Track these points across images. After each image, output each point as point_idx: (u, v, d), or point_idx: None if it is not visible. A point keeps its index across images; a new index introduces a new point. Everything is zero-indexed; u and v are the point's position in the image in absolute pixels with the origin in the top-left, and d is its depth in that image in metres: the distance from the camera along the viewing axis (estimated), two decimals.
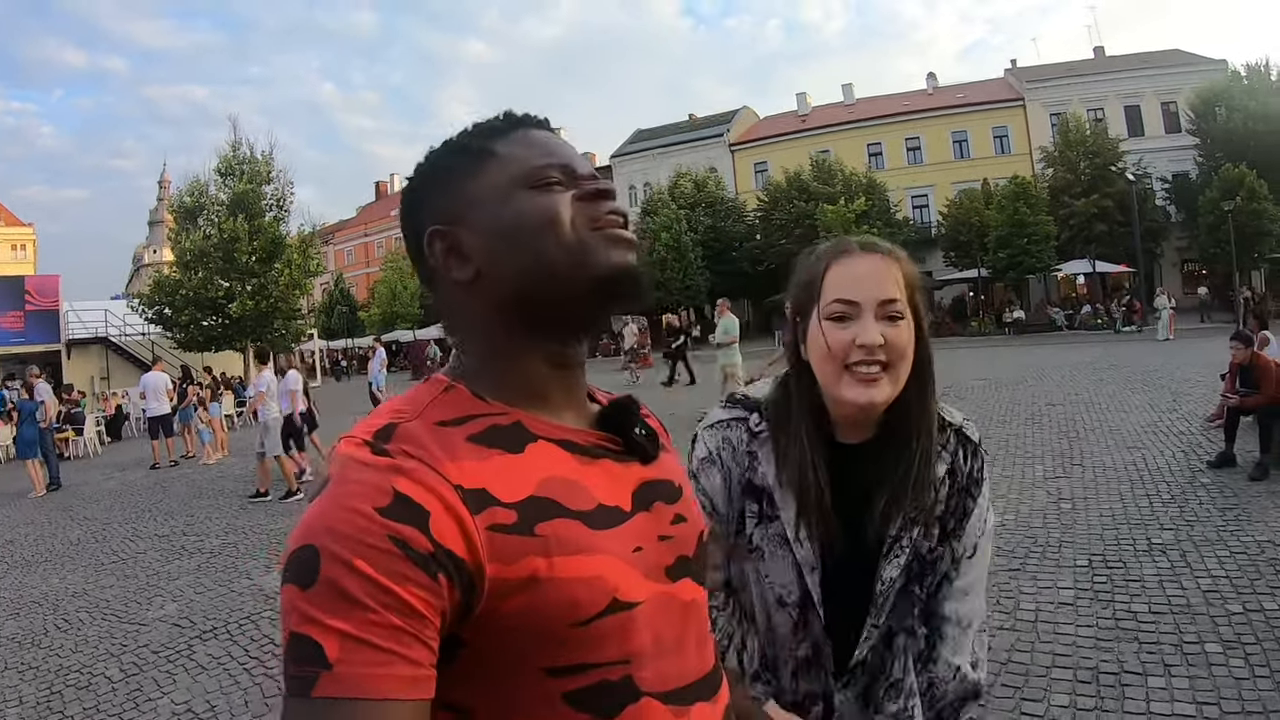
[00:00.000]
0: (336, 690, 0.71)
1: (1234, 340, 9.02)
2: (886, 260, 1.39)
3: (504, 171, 0.93)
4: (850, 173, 43.94)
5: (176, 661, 5.38)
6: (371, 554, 0.73)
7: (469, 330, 0.96)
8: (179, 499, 11.69)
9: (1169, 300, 28.61)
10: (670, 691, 0.90)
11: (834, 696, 1.44)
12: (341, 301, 58.93)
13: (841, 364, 1.35)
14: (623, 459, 0.97)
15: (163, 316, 28.21)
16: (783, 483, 1.42)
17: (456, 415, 0.87)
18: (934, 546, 1.43)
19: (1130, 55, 49.10)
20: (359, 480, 0.77)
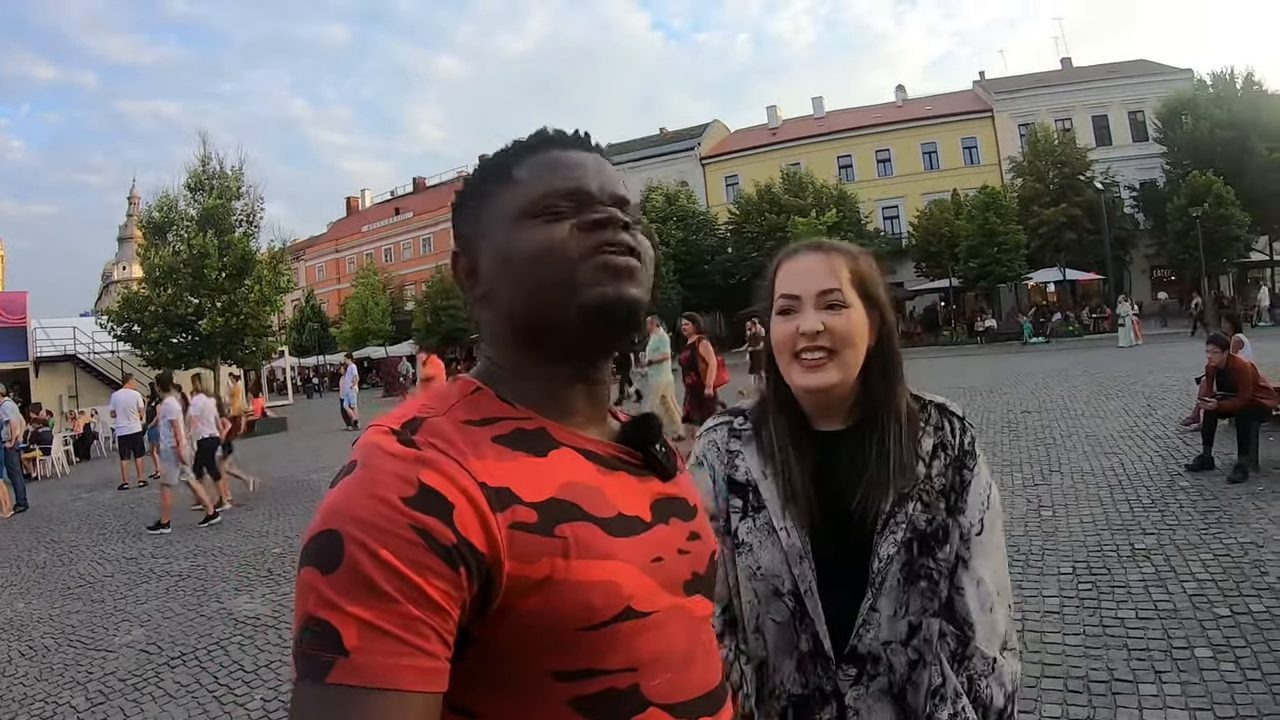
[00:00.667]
0: (352, 678, 0.71)
1: (1210, 344, 9.06)
2: (829, 255, 1.49)
3: (514, 200, 0.95)
4: (821, 185, 44.28)
5: (144, 689, 5.22)
6: (396, 543, 0.73)
7: (491, 341, 0.98)
8: (147, 520, 11.38)
9: (1132, 307, 28.83)
10: (678, 704, 0.89)
11: (844, 694, 1.39)
12: (313, 318, 58.67)
13: (790, 353, 1.45)
14: (641, 474, 0.98)
15: (132, 334, 27.78)
16: (766, 474, 1.48)
17: (483, 416, 0.89)
18: (933, 519, 1.42)
19: (1097, 66, 49.89)
20: (385, 469, 0.78)
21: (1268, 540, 5.89)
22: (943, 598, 1.42)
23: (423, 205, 68.01)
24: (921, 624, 1.40)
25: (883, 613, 1.38)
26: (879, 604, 1.38)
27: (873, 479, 1.40)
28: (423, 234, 65.61)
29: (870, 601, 1.38)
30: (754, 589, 1.46)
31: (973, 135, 48.33)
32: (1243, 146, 36.18)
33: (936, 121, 49.17)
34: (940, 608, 1.42)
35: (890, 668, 1.39)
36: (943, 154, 48.69)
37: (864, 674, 1.39)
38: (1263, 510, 6.68)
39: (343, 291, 64.24)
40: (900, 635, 1.39)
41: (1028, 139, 42.66)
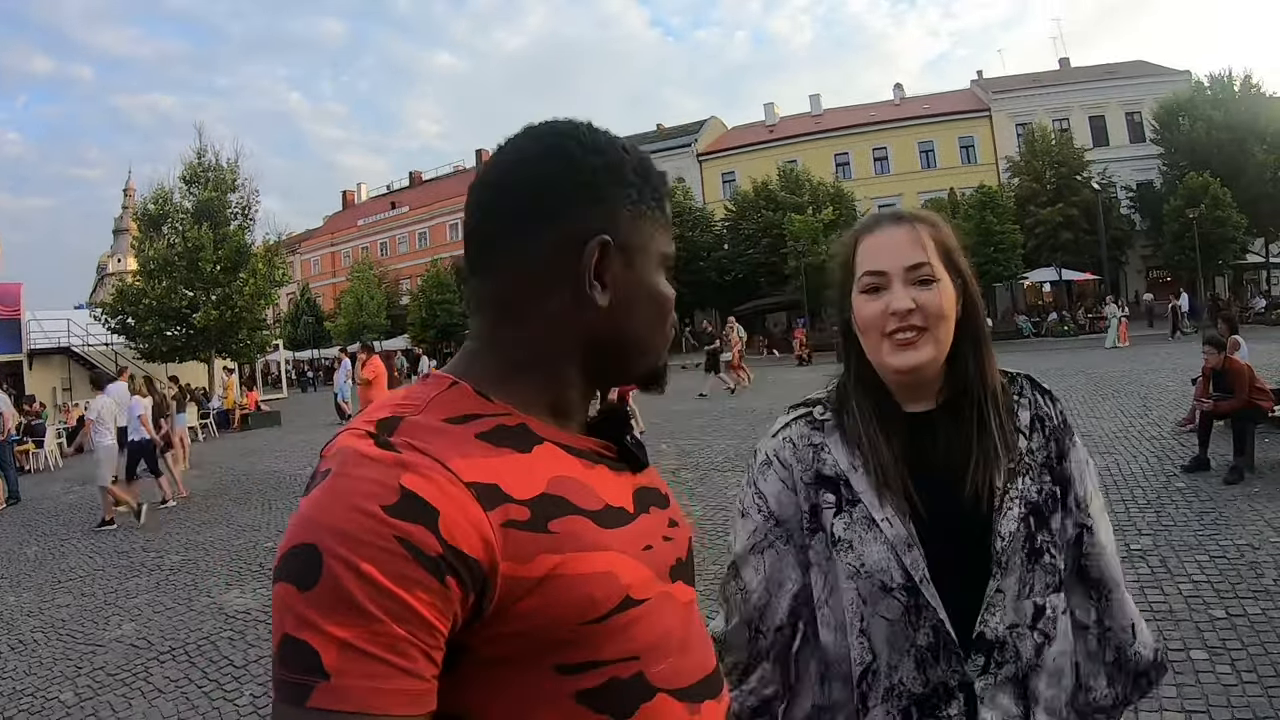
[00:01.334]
0: (333, 702, 0.67)
1: (1206, 345, 9.05)
2: (914, 227, 1.40)
3: (663, 241, 0.98)
4: (818, 182, 44.30)
5: (133, 684, 5.19)
6: (378, 555, 0.70)
7: (537, 332, 0.92)
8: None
9: (1119, 309, 28.81)
10: (683, 689, 0.89)
11: (973, 684, 1.30)
12: (307, 312, 58.55)
13: (881, 333, 1.37)
14: (617, 466, 0.97)
15: (126, 326, 27.81)
16: (856, 466, 1.39)
17: (463, 413, 0.85)
18: (1041, 489, 1.37)
19: (1095, 66, 50.03)
20: (363, 476, 0.74)
21: (1264, 542, 5.87)
22: (1063, 573, 1.37)
23: (419, 199, 67.96)
24: (1046, 605, 1.34)
25: (1008, 594, 1.31)
26: (1005, 585, 1.31)
27: (981, 457, 1.34)
28: (418, 228, 65.56)
29: (996, 583, 1.30)
30: (856, 588, 1.36)
31: (970, 134, 48.41)
32: (1240, 148, 36.27)
33: (934, 120, 49.25)
34: (1062, 583, 1.37)
35: (1017, 653, 1.31)
36: (940, 153, 48.77)
37: (991, 661, 1.31)
38: (1259, 512, 6.66)
39: (338, 285, 64.19)
40: (1026, 617, 1.32)
41: (1025, 139, 42.79)
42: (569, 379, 0.93)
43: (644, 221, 0.94)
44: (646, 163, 0.97)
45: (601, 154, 0.92)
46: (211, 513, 10.94)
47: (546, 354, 0.92)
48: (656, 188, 0.97)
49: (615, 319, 0.92)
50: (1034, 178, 40.22)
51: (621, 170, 0.93)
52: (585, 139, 0.93)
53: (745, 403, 17.40)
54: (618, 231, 0.91)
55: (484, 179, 0.95)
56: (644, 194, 0.95)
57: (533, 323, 0.91)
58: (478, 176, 0.96)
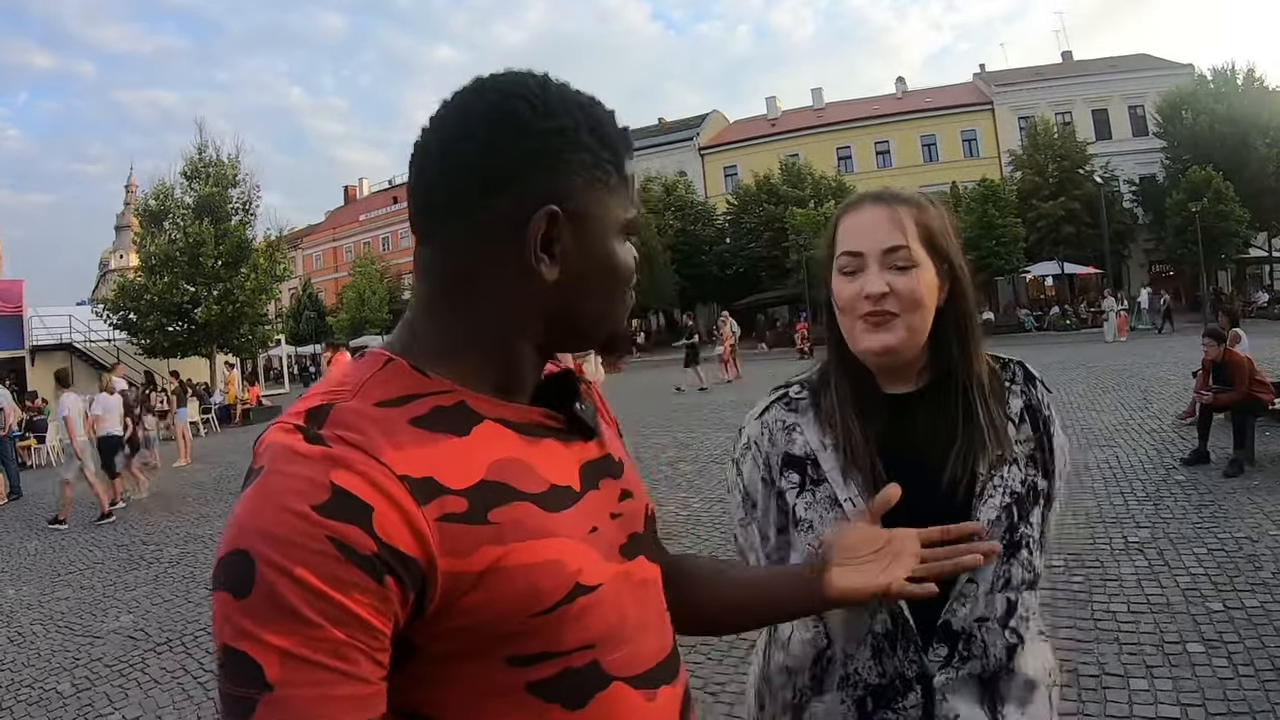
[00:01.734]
0: (278, 715, 0.66)
1: (1206, 338, 9.04)
2: (893, 207, 1.36)
3: (623, 204, 0.91)
4: (820, 176, 44.24)
5: (129, 675, 5.20)
6: (311, 559, 0.67)
7: (482, 307, 0.87)
8: (139, 507, 11.49)
9: (1117, 303, 28.70)
10: (639, 675, 0.87)
11: (932, 676, 1.27)
12: (309, 307, 58.50)
13: (854, 315, 1.34)
14: (565, 437, 0.92)
15: (128, 322, 27.85)
16: (826, 444, 1.38)
17: (398, 394, 0.81)
18: (1025, 479, 1.35)
19: (1098, 60, 49.84)
20: (293, 474, 0.71)
21: (1262, 535, 5.85)
22: (1037, 569, 1.35)
23: None
24: (1019, 602, 1.31)
25: (981, 586, 1.28)
26: (979, 575, 1.27)
27: (965, 443, 1.31)
28: None
29: (970, 573, 1.24)
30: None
31: (972, 128, 48.29)
32: (1243, 142, 36.15)
33: (936, 114, 49.11)
34: (1036, 580, 1.35)
35: (984, 649, 1.28)
36: (942, 146, 48.68)
37: (955, 654, 1.27)
38: (1258, 505, 6.64)
39: (340, 280, 64.13)
40: (998, 612, 1.29)
41: (1027, 132, 42.65)
42: (517, 353, 0.89)
43: (599, 188, 0.88)
44: (604, 122, 0.89)
45: (553, 116, 0.85)
46: (211, 506, 10.97)
47: (492, 329, 0.87)
48: (615, 149, 0.90)
49: (566, 292, 0.87)
50: (1036, 171, 40.12)
51: (575, 134, 0.86)
52: (536, 99, 0.85)
53: (745, 395, 17.33)
54: (569, 200, 0.85)
55: (426, 139, 0.88)
56: (599, 158, 0.88)
57: (477, 296, 0.87)
58: (422, 134, 0.89)
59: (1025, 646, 1.31)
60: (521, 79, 0.88)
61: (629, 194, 0.92)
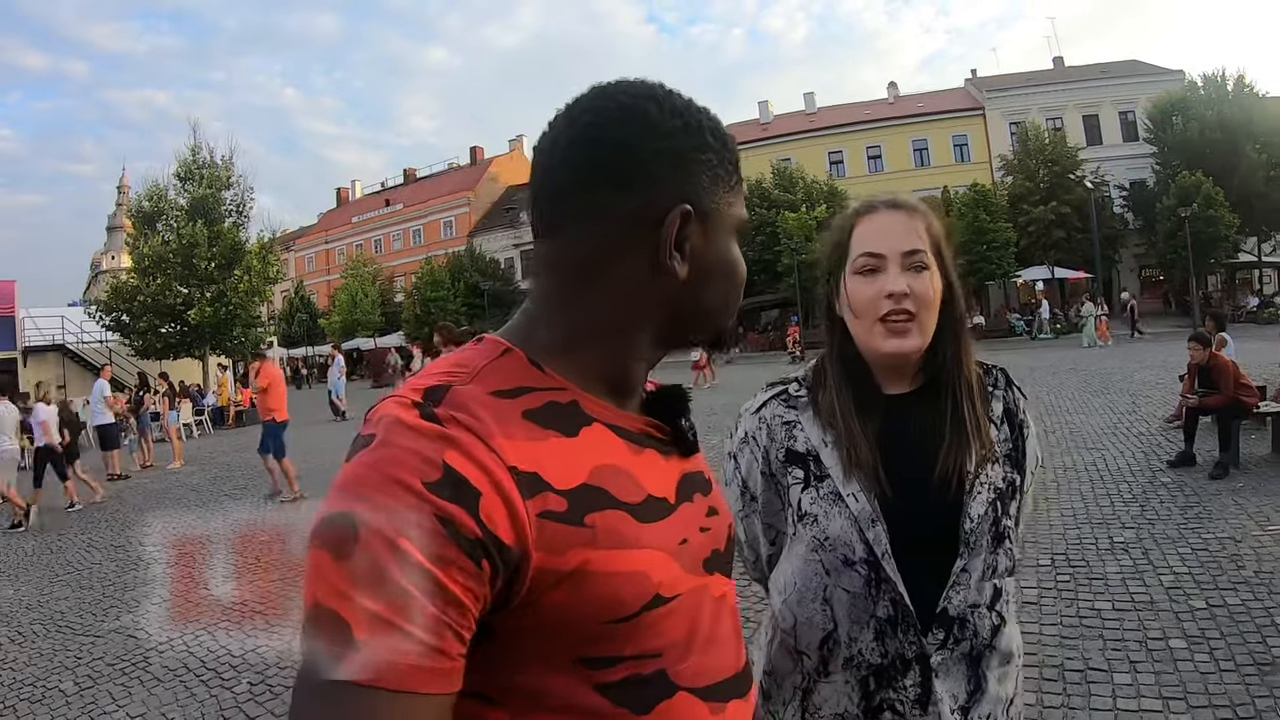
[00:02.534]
0: (360, 674, 0.66)
1: (1192, 341, 9.14)
2: (911, 214, 1.46)
3: (740, 207, 0.95)
4: (811, 180, 44.20)
5: (132, 674, 5.23)
6: (416, 532, 0.68)
7: (609, 300, 0.88)
8: (135, 509, 11.49)
9: (1097, 308, 28.79)
10: (707, 687, 0.87)
11: (930, 658, 1.36)
12: (302, 309, 58.38)
13: (874, 317, 1.41)
14: (666, 449, 0.94)
15: (120, 323, 27.76)
16: (827, 441, 1.44)
17: (513, 385, 0.82)
18: (1006, 476, 1.44)
19: (1089, 65, 49.99)
20: (407, 447, 0.72)
21: (1245, 535, 5.95)
22: (1016, 557, 1.44)
23: (413, 196, 67.82)
24: (1003, 588, 1.41)
25: (973, 574, 1.37)
26: (970, 565, 1.37)
27: (954, 441, 1.39)
28: (413, 225, 65.46)
29: (963, 562, 1.36)
30: (820, 560, 1.41)
31: (964, 132, 48.34)
32: (1233, 148, 36.28)
33: (928, 118, 49.15)
34: (1014, 567, 1.44)
35: (975, 632, 1.38)
36: (934, 151, 48.72)
37: (951, 637, 1.37)
38: (1242, 506, 6.75)
39: (332, 282, 63.89)
40: (986, 598, 1.39)
41: (1018, 137, 42.76)
42: (637, 349, 0.91)
43: (723, 188, 0.91)
44: (721, 127, 0.92)
45: (680, 116, 0.88)
46: (206, 509, 10.97)
47: (617, 323, 0.89)
48: (732, 151, 0.93)
49: (693, 289, 0.89)
50: (1027, 176, 40.24)
51: (701, 134, 0.89)
52: (663, 100, 0.88)
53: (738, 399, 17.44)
54: (698, 199, 0.88)
55: (556, 138, 0.89)
56: (723, 158, 0.91)
57: (605, 291, 0.88)
58: (547, 134, 0.90)
59: (1006, 627, 1.42)
60: (646, 84, 0.90)
61: (742, 197, 0.95)
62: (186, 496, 12.16)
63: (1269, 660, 4.05)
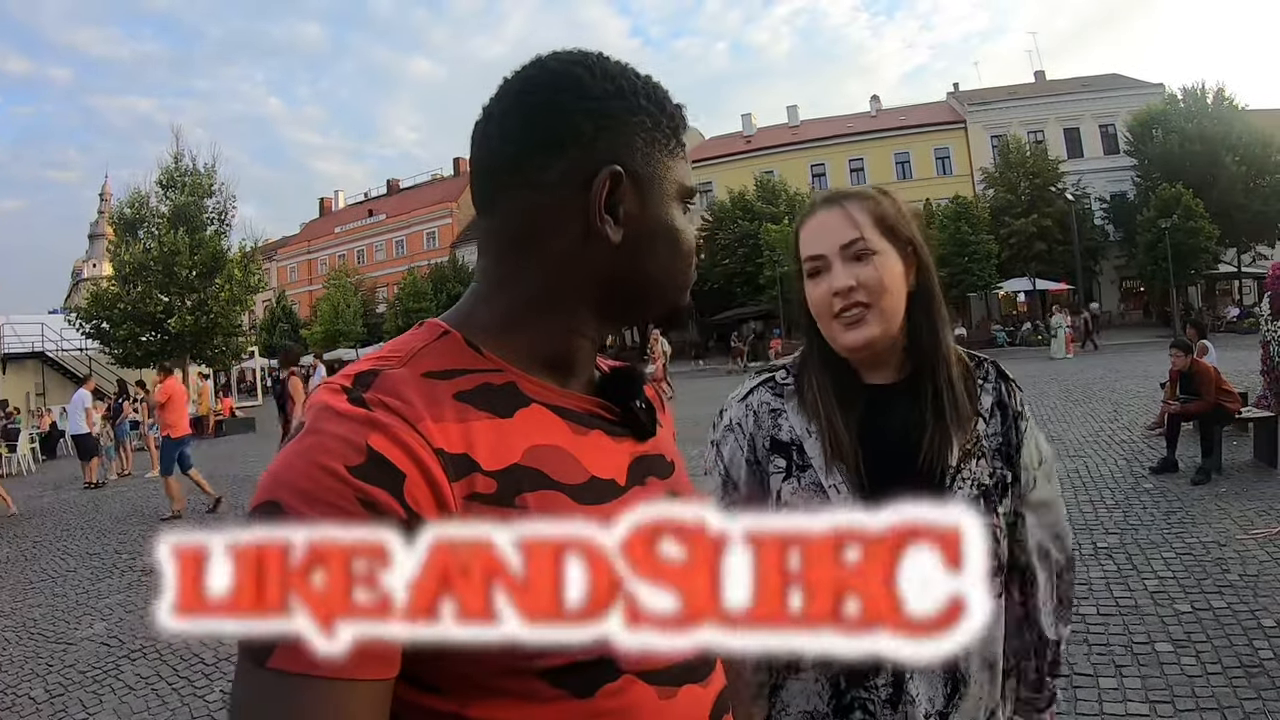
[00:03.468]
0: (293, 664, 0.65)
1: (1174, 348, 9.20)
2: (844, 205, 1.42)
3: (681, 175, 0.92)
4: (794, 193, 44.32)
5: (104, 682, 5.17)
6: (339, 517, 0.67)
7: (546, 272, 0.87)
8: (112, 517, 11.39)
9: (1066, 319, 28.96)
10: (655, 671, 0.83)
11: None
12: (284, 319, 58.08)
13: (830, 314, 1.40)
14: (617, 432, 0.92)
15: (101, 331, 27.52)
16: (810, 431, 1.43)
17: (447, 367, 0.81)
18: (993, 473, 1.41)
19: (1070, 79, 50.52)
20: (331, 433, 0.71)
21: (1229, 540, 5.97)
22: (1002, 559, 1.40)
23: (396, 207, 67.69)
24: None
25: None
26: None
27: (936, 433, 1.37)
28: (396, 236, 65.32)
29: None
30: None
31: (945, 145, 48.73)
32: (1212, 160, 36.66)
33: (910, 132, 49.53)
34: (1001, 568, 1.40)
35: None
36: (916, 164, 49.06)
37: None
38: (1225, 510, 6.77)
39: (314, 293, 63.66)
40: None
41: (1000, 150, 43.11)
42: (578, 325, 0.89)
43: (660, 151, 0.88)
44: (661, 90, 0.91)
45: (612, 80, 0.86)
46: (186, 517, 10.85)
47: (553, 297, 0.87)
48: (673, 115, 0.91)
49: (630, 256, 0.87)
50: (1009, 189, 40.56)
51: (634, 97, 0.87)
52: (594, 66, 0.87)
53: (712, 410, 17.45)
54: (630, 161, 0.85)
55: (488, 109, 0.89)
56: (659, 122, 0.89)
57: (540, 263, 0.87)
58: (483, 108, 0.90)
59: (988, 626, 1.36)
60: (580, 52, 0.89)
61: (686, 163, 0.93)
62: (165, 505, 11.98)
63: (1256, 663, 4.05)
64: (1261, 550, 5.67)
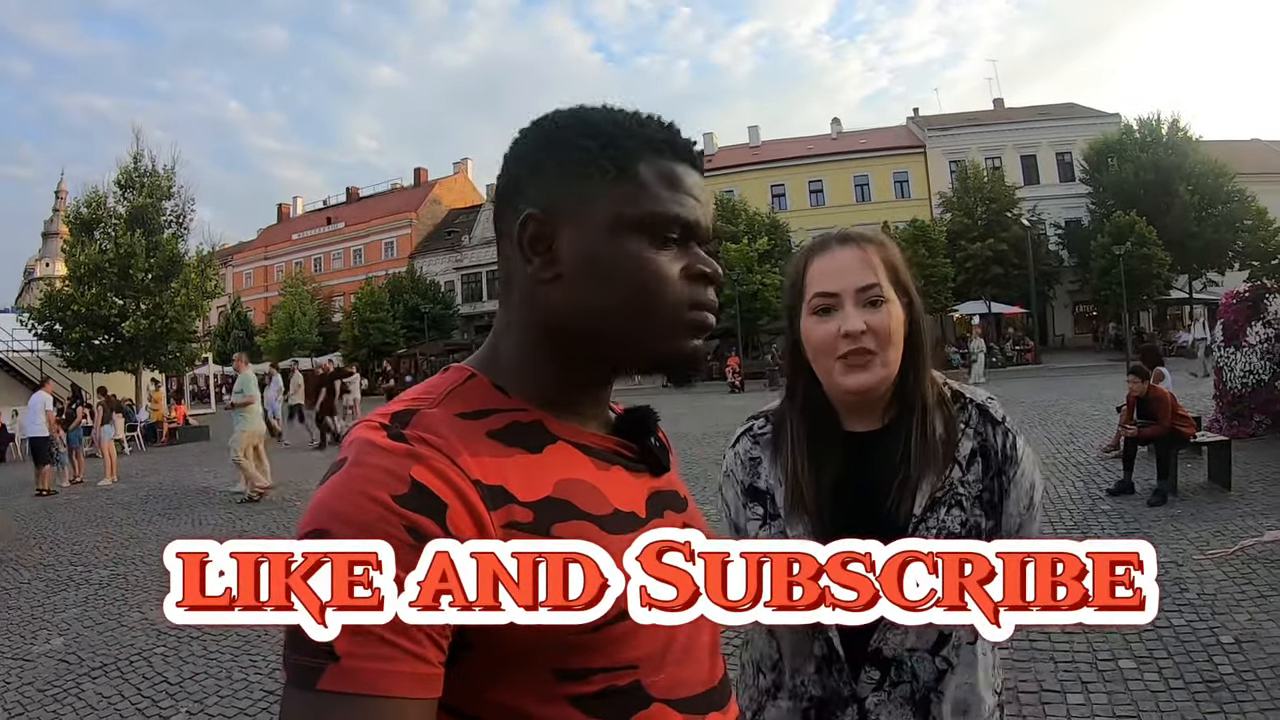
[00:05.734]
0: (343, 685, 0.68)
1: (1131, 374, 9.41)
2: (864, 247, 1.43)
3: (631, 203, 0.88)
4: (754, 213, 44.58)
5: (64, 700, 5.03)
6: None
7: (523, 321, 0.92)
8: (65, 526, 11.09)
9: (983, 344, 29.45)
10: (684, 699, 0.88)
11: (864, 698, 1.36)
12: (238, 325, 57.20)
13: (832, 355, 1.39)
14: (635, 468, 0.96)
15: (53, 333, 26.91)
16: (781, 480, 1.45)
17: (477, 408, 0.86)
18: (966, 521, 1.39)
19: (1028, 107, 51.37)
20: (375, 465, 0.75)
21: (1186, 559, 6.11)
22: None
23: (355, 216, 66.95)
24: (953, 634, 1.37)
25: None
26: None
27: (905, 478, 1.37)
28: (354, 245, 64.58)
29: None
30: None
31: (905, 169, 49.28)
32: (1165, 189, 37.37)
33: (870, 155, 50.06)
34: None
35: (914, 675, 1.36)
36: (875, 187, 49.51)
37: (887, 679, 1.36)
38: (1181, 531, 6.93)
39: (270, 300, 62.80)
40: (928, 643, 1.36)
41: (958, 175, 43.77)
42: (570, 369, 0.92)
43: (588, 184, 0.88)
44: (622, 128, 0.91)
45: (559, 129, 0.91)
46: (140, 527, 10.65)
47: (537, 335, 0.91)
48: (619, 146, 0.89)
49: (572, 292, 0.88)
50: (966, 213, 41.09)
51: (573, 140, 0.89)
52: (561, 118, 0.92)
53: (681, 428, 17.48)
54: (557, 202, 0.88)
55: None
56: (590, 156, 0.88)
57: (518, 305, 0.92)
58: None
59: (955, 671, 1.38)
60: (558, 111, 0.94)
61: (649, 192, 0.89)
62: (119, 514, 11.78)
63: (1216, 678, 4.17)
64: (1218, 570, 5.80)
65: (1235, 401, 11.52)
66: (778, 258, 40.48)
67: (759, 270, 39.35)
